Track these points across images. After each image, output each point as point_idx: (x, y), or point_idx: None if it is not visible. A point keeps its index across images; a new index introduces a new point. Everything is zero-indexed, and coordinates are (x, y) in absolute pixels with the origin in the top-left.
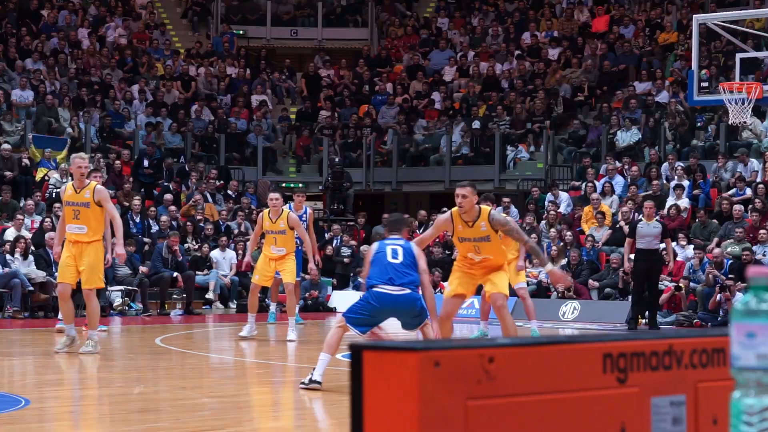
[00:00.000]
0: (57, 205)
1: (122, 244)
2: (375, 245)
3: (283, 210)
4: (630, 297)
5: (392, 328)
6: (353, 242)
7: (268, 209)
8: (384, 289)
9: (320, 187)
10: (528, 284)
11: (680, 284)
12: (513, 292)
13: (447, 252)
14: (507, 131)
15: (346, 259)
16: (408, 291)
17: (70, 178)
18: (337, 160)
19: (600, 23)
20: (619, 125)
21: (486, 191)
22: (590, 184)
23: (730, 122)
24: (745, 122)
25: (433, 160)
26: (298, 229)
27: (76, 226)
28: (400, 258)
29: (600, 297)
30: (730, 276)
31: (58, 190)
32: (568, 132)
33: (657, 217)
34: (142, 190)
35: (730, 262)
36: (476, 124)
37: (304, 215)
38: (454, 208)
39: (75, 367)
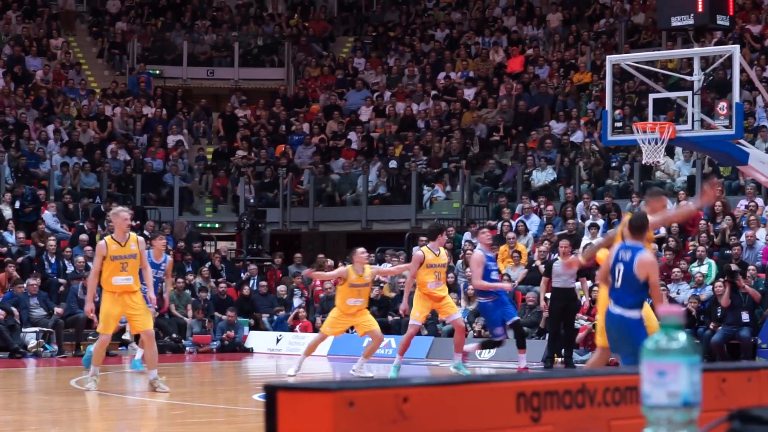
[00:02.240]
0: None
1: (153, 289)
2: (612, 251)
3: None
4: (546, 336)
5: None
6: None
7: (352, 264)
8: (609, 307)
9: (235, 228)
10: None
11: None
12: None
13: None
14: (423, 171)
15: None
16: (621, 311)
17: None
18: (252, 200)
19: (515, 63)
20: (534, 165)
21: (402, 231)
22: (506, 224)
23: (643, 162)
24: (658, 162)
25: (350, 200)
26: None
27: (124, 277)
28: (619, 282)
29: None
30: None
31: None
32: (484, 171)
33: (573, 256)
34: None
35: None
36: (393, 164)
37: (163, 264)
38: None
39: None
